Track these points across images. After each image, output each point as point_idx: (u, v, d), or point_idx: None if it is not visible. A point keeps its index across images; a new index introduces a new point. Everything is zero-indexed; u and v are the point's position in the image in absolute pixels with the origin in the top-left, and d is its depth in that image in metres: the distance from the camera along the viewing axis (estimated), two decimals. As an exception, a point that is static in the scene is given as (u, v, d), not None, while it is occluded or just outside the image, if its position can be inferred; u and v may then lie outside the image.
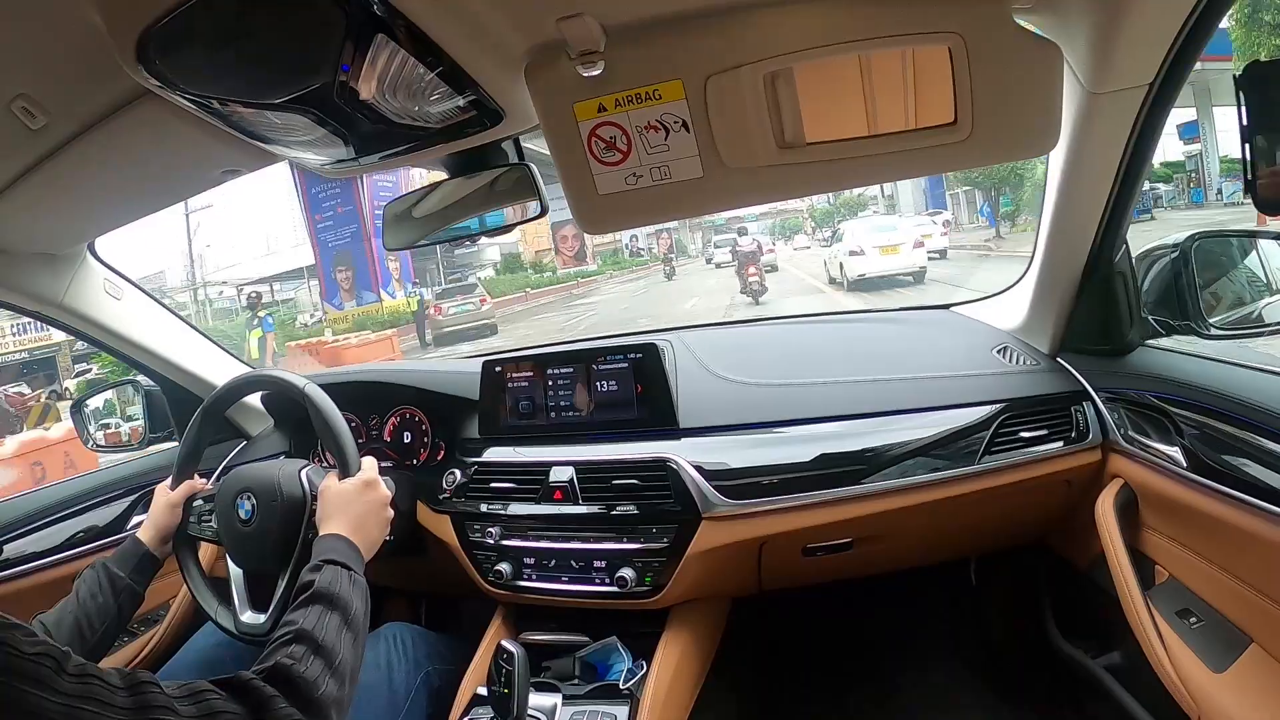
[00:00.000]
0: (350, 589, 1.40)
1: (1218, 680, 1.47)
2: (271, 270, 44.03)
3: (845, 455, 1.92)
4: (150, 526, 1.85)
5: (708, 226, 72.82)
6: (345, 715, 1.25)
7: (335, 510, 1.61)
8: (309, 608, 1.32)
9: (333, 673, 1.23)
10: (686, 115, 1.26)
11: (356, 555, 1.51)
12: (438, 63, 1.19)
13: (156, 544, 1.84)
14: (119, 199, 1.80)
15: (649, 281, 37.81)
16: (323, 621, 1.29)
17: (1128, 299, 1.81)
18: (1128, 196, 1.67)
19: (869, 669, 2.62)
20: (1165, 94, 1.44)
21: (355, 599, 1.39)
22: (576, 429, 2.18)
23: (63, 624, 1.62)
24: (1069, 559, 2.21)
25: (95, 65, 1.15)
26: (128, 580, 1.74)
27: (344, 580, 1.40)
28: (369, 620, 1.43)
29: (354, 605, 1.38)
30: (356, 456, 1.74)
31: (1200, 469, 1.53)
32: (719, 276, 29.92)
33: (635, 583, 1.91)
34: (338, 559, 1.45)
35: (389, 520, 1.70)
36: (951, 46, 1.16)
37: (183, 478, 1.93)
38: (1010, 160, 1.44)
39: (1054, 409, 1.94)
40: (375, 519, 1.65)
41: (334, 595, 1.36)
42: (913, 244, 19.41)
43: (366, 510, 1.63)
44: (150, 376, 2.50)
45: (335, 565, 1.43)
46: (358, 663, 1.33)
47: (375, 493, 1.68)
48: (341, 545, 1.51)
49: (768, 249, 35.97)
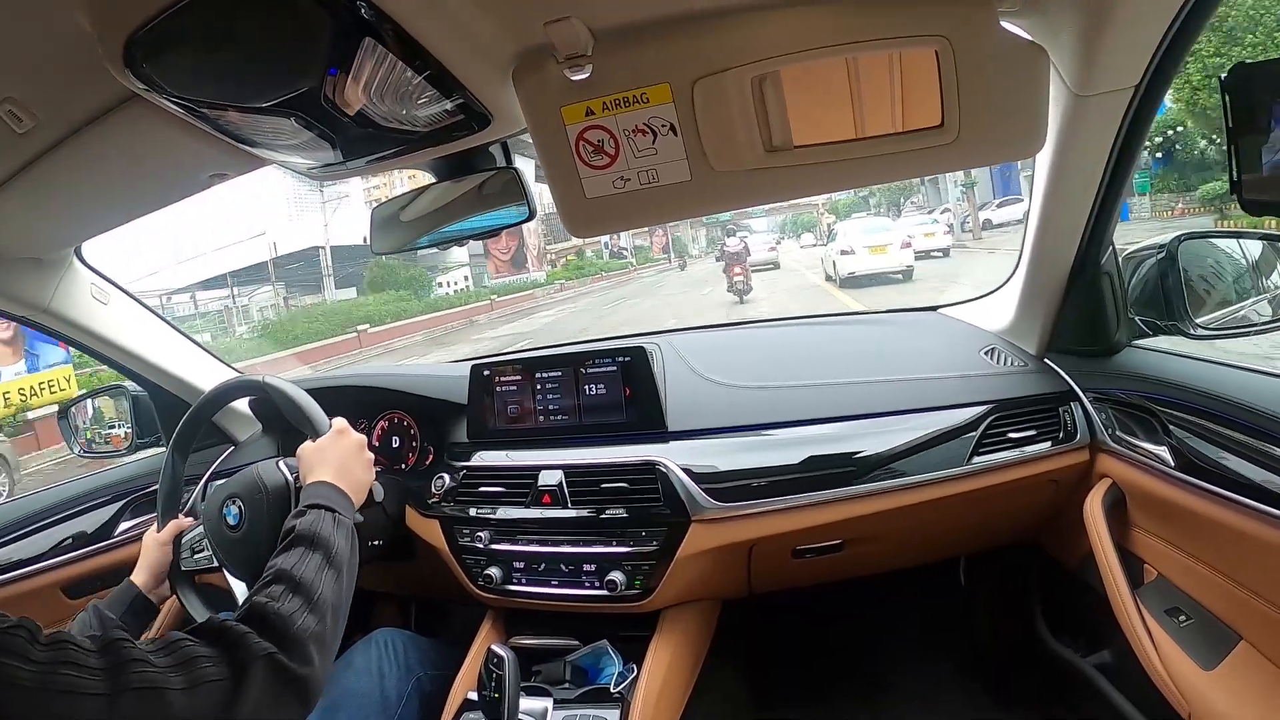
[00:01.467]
0: (333, 529, 1.40)
1: (1208, 678, 1.48)
2: (197, 276, 43.34)
3: (834, 457, 1.93)
4: (143, 570, 1.85)
5: (711, 224, 72.35)
6: (330, 652, 1.24)
7: (315, 463, 1.61)
8: (290, 550, 1.33)
9: (311, 608, 1.22)
10: (674, 119, 1.26)
11: (342, 498, 1.52)
12: (425, 66, 1.19)
13: (151, 586, 1.84)
14: (106, 203, 1.79)
15: (624, 293, 35.89)
16: (303, 561, 1.30)
17: (1114, 300, 1.82)
18: (1114, 198, 1.68)
19: (860, 670, 2.63)
20: (1151, 97, 1.45)
21: (338, 538, 1.40)
22: (565, 432, 2.18)
23: None
24: (1058, 558, 2.22)
25: (82, 69, 1.14)
26: (118, 623, 1.73)
27: (326, 522, 1.41)
28: (357, 561, 1.44)
29: (336, 544, 1.38)
30: (324, 418, 1.76)
31: (1188, 468, 1.54)
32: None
33: (625, 586, 1.91)
34: (321, 502, 1.46)
35: (370, 461, 1.70)
36: (938, 50, 1.16)
37: (168, 519, 1.93)
38: (997, 163, 1.45)
39: (1042, 409, 1.95)
40: (357, 460, 1.66)
41: (314, 535, 1.36)
42: (900, 244, 20.13)
43: (345, 454, 1.64)
44: (137, 382, 2.48)
45: (318, 509, 1.44)
46: (341, 600, 1.32)
47: (349, 437, 1.69)
48: (325, 489, 1.51)
49: (770, 247, 36.35)
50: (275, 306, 41.84)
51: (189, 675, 1.03)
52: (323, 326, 30.03)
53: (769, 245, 37.80)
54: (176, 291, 41.17)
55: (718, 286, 22.83)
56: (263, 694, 1.09)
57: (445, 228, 1.79)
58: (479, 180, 1.69)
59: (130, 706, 0.97)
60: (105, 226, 1.96)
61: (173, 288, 40.94)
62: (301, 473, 1.63)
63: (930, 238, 23.58)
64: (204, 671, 1.05)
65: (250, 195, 40.81)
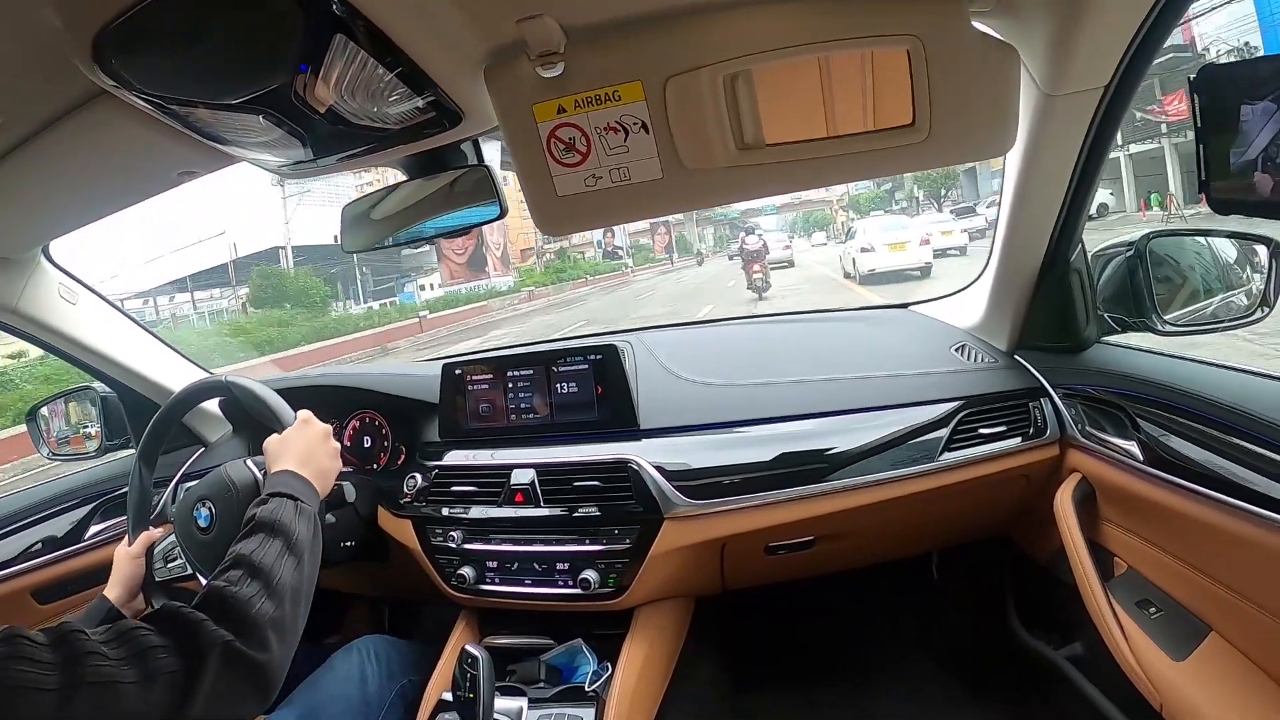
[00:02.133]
0: (294, 517, 1.40)
1: (1179, 669, 1.50)
2: (156, 280, 41.85)
3: (806, 454, 1.94)
4: (116, 584, 1.82)
5: (719, 221, 71.76)
6: (290, 640, 1.23)
7: (279, 452, 1.60)
8: (250, 537, 1.32)
9: (270, 593, 1.22)
10: (646, 117, 1.26)
11: (305, 486, 1.51)
12: (397, 63, 1.19)
13: (124, 600, 1.80)
14: (74, 201, 1.77)
15: (615, 299, 33.89)
16: (262, 546, 1.29)
17: (1084, 296, 1.84)
18: (1083, 196, 1.70)
19: (834, 665, 2.64)
20: (1120, 96, 1.46)
21: (299, 525, 1.39)
22: (537, 431, 2.17)
23: None
24: (1029, 553, 2.24)
25: (50, 65, 1.13)
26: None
27: (287, 509, 1.40)
28: (319, 548, 1.43)
29: (296, 531, 1.37)
30: (289, 410, 1.75)
31: (1157, 462, 1.56)
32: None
33: (598, 584, 1.92)
34: (282, 490, 1.45)
35: (336, 450, 1.69)
36: (910, 49, 1.17)
37: (139, 530, 1.91)
38: (967, 161, 1.46)
39: (1012, 405, 1.97)
40: (322, 449, 1.65)
41: (274, 522, 1.36)
42: (919, 241, 20.34)
43: (309, 443, 1.64)
44: (106, 383, 2.46)
45: (280, 496, 1.43)
46: (301, 586, 1.31)
47: (314, 427, 1.69)
48: (288, 478, 1.51)
49: (784, 245, 35.98)
50: (231, 313, 39.83)
51: (143, 668, 1.03)
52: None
53: (783, 244, 37.61)
54: (132, 297, 40.11)
55: (738, 283, 22.78)
56: (219, 683, 1.09)
57: (416, 226, 1.79)
58: (450, 178, 1.69)
59: (84, 702, 0.96)
60: (73, 225, 1.93)
61: (131, 292, 40.03)
62: (266, 464, 1.62)
63: (948, 235, 23.56)
64: (160, 663, 1.04)
65: (217, 188, 39.70)
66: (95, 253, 33.08)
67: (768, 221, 54.65)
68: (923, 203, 47.07)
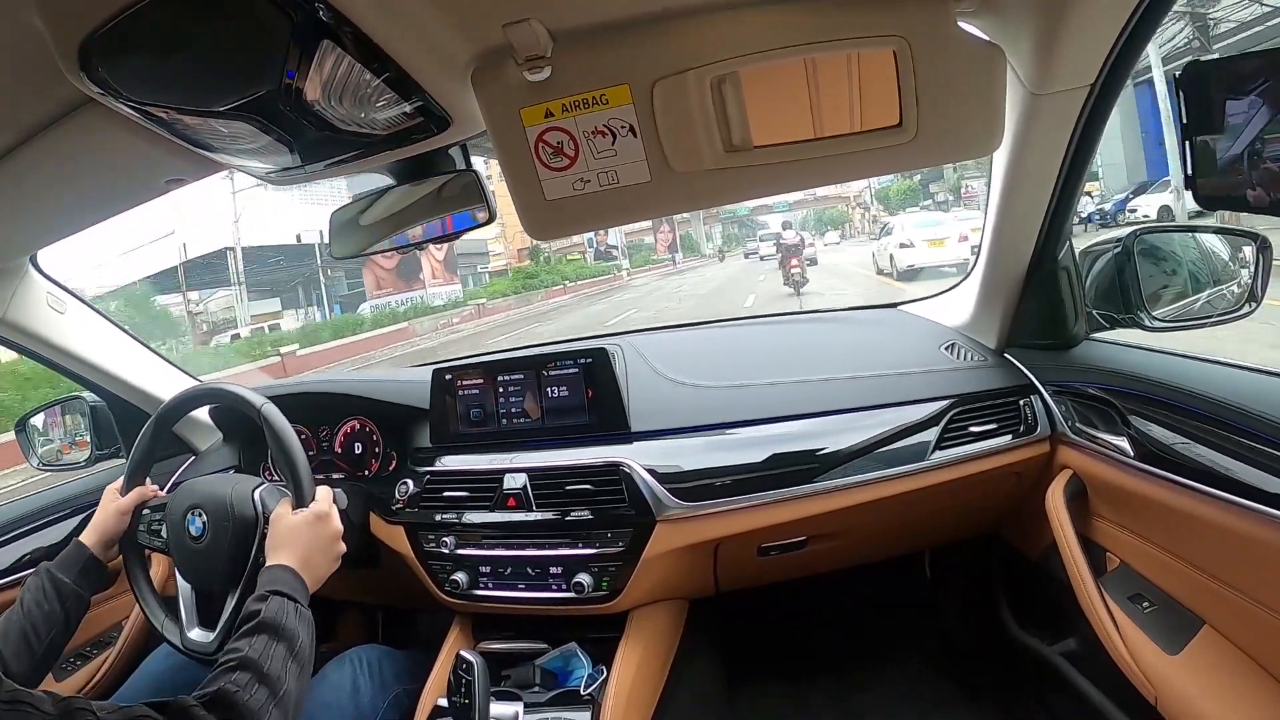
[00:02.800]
0: (296, 621, 1.39)
1: (1173, 662, 1.50)
2: (105, 284, 37.96)
3: (797, 455, 1.94)
4: (95, 530, 1.81)
5: (727, 219, 70.89)
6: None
7: (285, 542, 1.59)
8: (254, 637, 1.31)
9: (277, 703, 1.23)
10: (634, 120, 1.26)
11: (303, 588, 1.50)
12: (384, 69, 1.19)
13: (100, 549, 1.80)
14: (61, 210, 1.77)
15: (592, 314, 29.46)
16: (268, 651, 1.29)
17: (1072, 294, 1.85)
18: (1070, 194, 1.71)
19: (829, 665, 2.64)
20: (1106, 94, 1.47)
21: (301, 631, 1.39)
22: (528, 435, 2.17)
23: (9, 634, 1.58)
24: (1021, 549, 2.25)
25: (36, 73, 1.13)
26: (73, 586, 1.70)
27: (290, 612, 1.39)
28: (315, 654, 1.43)
29: (300, 637, 1.37)
30: (312, 486, 1.72)
31: (1146, 457, 1.57)
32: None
33: (592, 588, 1.91)
34: (284, 590, 1.44)
35: (339, 555, 1.67)
36: (896, 50, 1.17)
37: (134, 483, 1.90)
38: (954, 161, 1.47)
39: (1002, 403, 1.97)
40: (324, 555, 1.63)
41: (280, 626, 1.35)
42: (958, 238, 20.24)
43: (316, 545, 1.61)
44: (96, 392, 2.45)
45: (281, 596, 1.42)
46: (302, 695, 1.32)
47: (327, 527, 1.66)
48: (289, 577, 1.49)
49: (808, 244, 34.51)
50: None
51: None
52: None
53: (807, 242, 36.41)
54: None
55: (767, 278, 22.44)
56: None
57: (404, 231, 1.78)
58: (438, 183, 1.69)
59: None
60: (61, 234, 1.93)
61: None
62: (270, 539, 1.62)
63: (977, 232, 23.16)
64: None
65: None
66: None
67: (776, 219, 53.98)
68: (954, 199, 45.90)
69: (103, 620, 2.27)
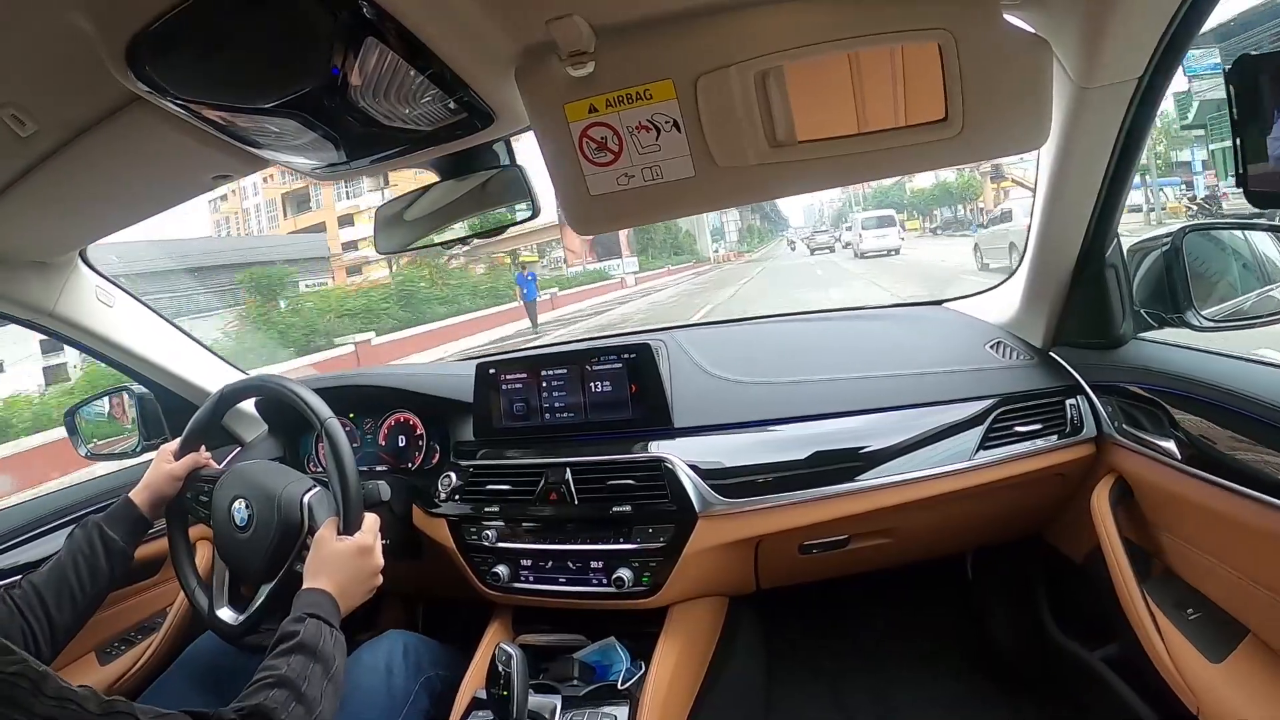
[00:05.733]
0: (333, 645, 1.40)
1: (1216, 671, 1.48)
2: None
3: (840, 453, 1.93)
4: (146, 489, 1.85)
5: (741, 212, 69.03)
6: None
7: (325, 567, 1.59)
8: (293, 656, 1.33)
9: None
10: (677, 115, 1.26)
11: (337, 614, 1.51)
12: (428, 65, 1.19)
13: (149, 508, 1.84)
14: (110, 206, 1.79)
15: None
16: (306, 671, 1.30)
17: (1120, 292, 1.82)
18: (1118, 190, 1.68)
19: (868, 664, 2.62)
20: (1155, 88, 1.44)
21: (337, 655, 1.40)
22: (571, 430, 2.18)
23: (52, 585, 1.63)
24: (1065, 552, 2.22)
25: (84, 72, 1.14)
26: (121, 543, 1.74)
27: (327, 636, 1.41)
28: (346, 677, 1.44)
29: (336, 661, 1.38)
30: (360, 513, 1.71)
31: (1195, 461, 1.54)
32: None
33: (632, 583, 1.92)
34: (321, 614, 1.45)
35: (373, 589, 1.67)
36: (941, 43, 1.16)
37: (189, 448, 1.93)
38: (1001, 156, 1.44)
39: (1048, 403, 1.95)
40: (361, 586, 1.63)
41: (317, 649, 1.36)
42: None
43: (356, 577, 1.62)
44: (143, 383, 2.49)
45: (318, 620, 1.43)
46: (334, 715, 1.33)
47: (369, 561, 1.66)
48: (325, 601, 1.50)
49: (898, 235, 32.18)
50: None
51: None
52: None
53: (882, 231, 32.90)
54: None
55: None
56: None
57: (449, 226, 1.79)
58: (482, 179, 1.69)
59: None
60: (109, 229, 1.96)
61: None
62: (311, 559, 1.62)
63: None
64: None
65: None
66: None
67: (796, 217, 51.66)
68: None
69: (147, 606, 2.29)
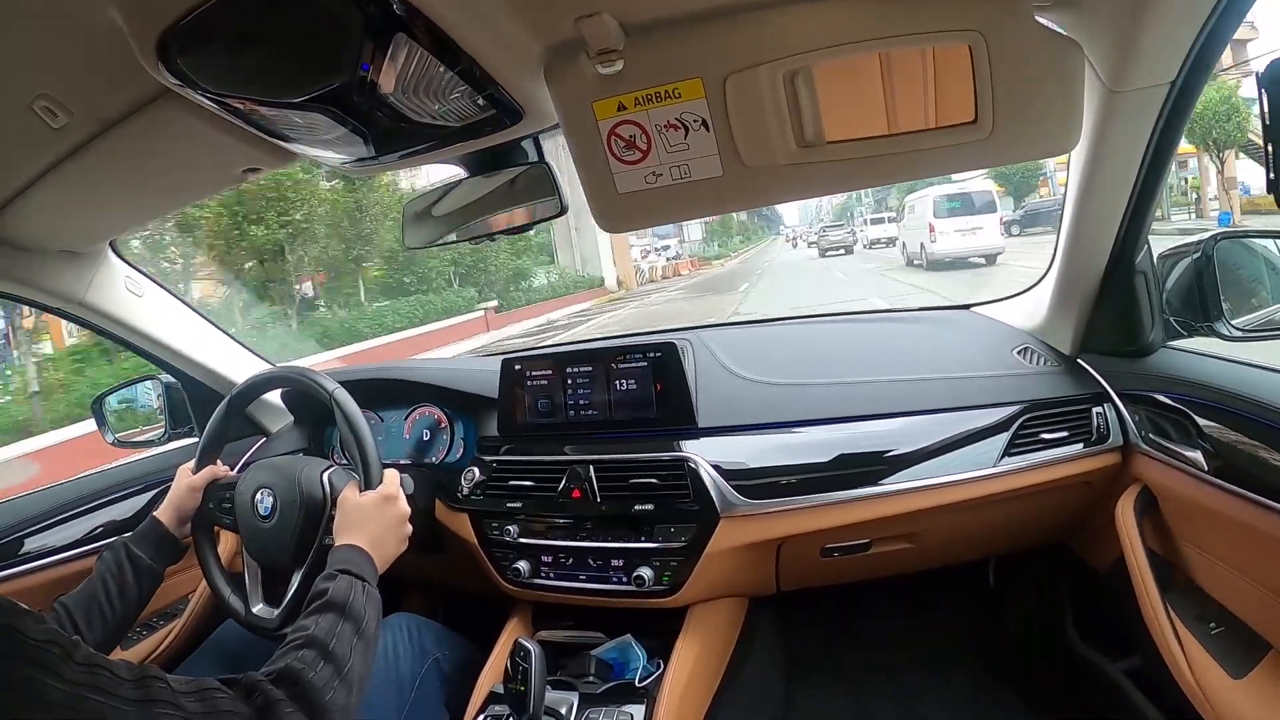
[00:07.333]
0: (364, 601, 1.40)
1: (1237, 686, 1.47)
2: None
3: (864, 456, 1.92)
4: (170, 508, 1.86)
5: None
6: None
7: (353, 523, 1.61)
8: (322, 615, 1.33)
9: (341, 680, 1.24)
10: (706, 114, 1.26)
11: (371, 568, 1.51)
12: (456, 61, 1.19)
13: (175, 525, 1.85)
14: (140, 197, 1.81)
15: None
16: (335, 629, 1.30)
17: (1149, 300, 1.80)
18: (1149, 196, 1.66)
19: (887, 669, 2.61)
20: (1187, 92, 1.43)
21: (369, 610, 1.40)
22: (595, 428, 2.18)
23: (82, 604, 1.64)
24: (1089, 561, 2.21)
25: (116, 65, 1.15)
26: (148, 560, 1.75)
27: (358, 591, 1.41)
28: (380, 632, 1.44)
29: (367, 616, 1.38)
30: (380, 468, 1.73)
31: (1222, 472, 1.52)
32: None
33: (653, 581, 1.92)
34: (353, 570, 1.45)
35: (406, 536, 1.69)
36: (971, 44, 1.15)
37: (205, 462, 1.94)
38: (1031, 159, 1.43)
39: (1074, 410, 1.94)
40: (393, 535, 1.64)
41: (347, 605, 1.36)
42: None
43: (385, 525, 1.63)
44: (171, 373, 2.51)
45: (350, 576, 1.43)
46: (367, 672, 1.34)
47: (394, 508, 1.67)
48: (357, 557, 1.51)
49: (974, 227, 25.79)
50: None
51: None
52: None
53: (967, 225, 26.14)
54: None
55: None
56: None
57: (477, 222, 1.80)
58: (511, 175, 1.69)
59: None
60: (140, 220, 1.98)
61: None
62: (338, 520, 1.64)
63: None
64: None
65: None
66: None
67: (791, 216, 50.70)
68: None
69: (169, 593, 2.31)
